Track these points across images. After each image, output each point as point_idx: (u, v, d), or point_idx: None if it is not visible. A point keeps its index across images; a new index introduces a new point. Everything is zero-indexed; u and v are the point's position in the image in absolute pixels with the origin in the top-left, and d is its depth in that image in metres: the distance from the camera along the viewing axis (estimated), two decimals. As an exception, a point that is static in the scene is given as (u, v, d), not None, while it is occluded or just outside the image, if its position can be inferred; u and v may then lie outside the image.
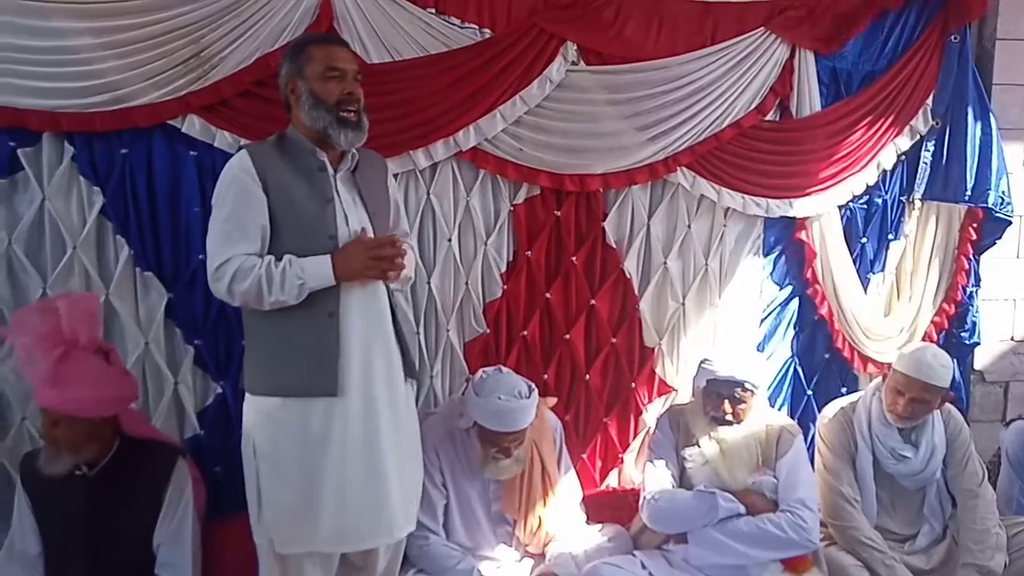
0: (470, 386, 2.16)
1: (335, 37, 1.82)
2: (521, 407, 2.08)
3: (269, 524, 1.75)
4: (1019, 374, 2.86)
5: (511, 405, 2.06)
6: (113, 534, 1.86)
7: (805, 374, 2.69)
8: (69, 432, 1.79)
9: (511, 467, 2.12)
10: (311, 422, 1.72)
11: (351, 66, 1.75)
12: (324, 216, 1.73)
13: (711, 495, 2.12)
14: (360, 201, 1.80)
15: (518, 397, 2.08)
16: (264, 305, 1.67)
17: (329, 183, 1.75)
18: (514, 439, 2.10)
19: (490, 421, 2.07)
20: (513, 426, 2.07)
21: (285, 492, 1.73)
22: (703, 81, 2.39)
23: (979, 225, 2.67)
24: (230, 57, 2.11)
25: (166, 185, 2.16)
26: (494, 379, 2.13)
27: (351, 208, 1.77)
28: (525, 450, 2.15)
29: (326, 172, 1.75)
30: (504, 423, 2.07)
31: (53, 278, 2.14)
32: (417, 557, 2.12)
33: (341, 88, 1.72)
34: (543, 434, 2.26)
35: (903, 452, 2.26)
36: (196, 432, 2.28)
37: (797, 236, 2.59)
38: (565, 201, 2.43)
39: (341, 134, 1.72)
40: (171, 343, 2.25)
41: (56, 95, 2.04)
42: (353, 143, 1.74)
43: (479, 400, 2.09)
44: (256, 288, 1.65)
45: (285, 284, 1.65)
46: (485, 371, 2.18)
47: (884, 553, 2.20)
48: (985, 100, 2.61)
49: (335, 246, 1.72)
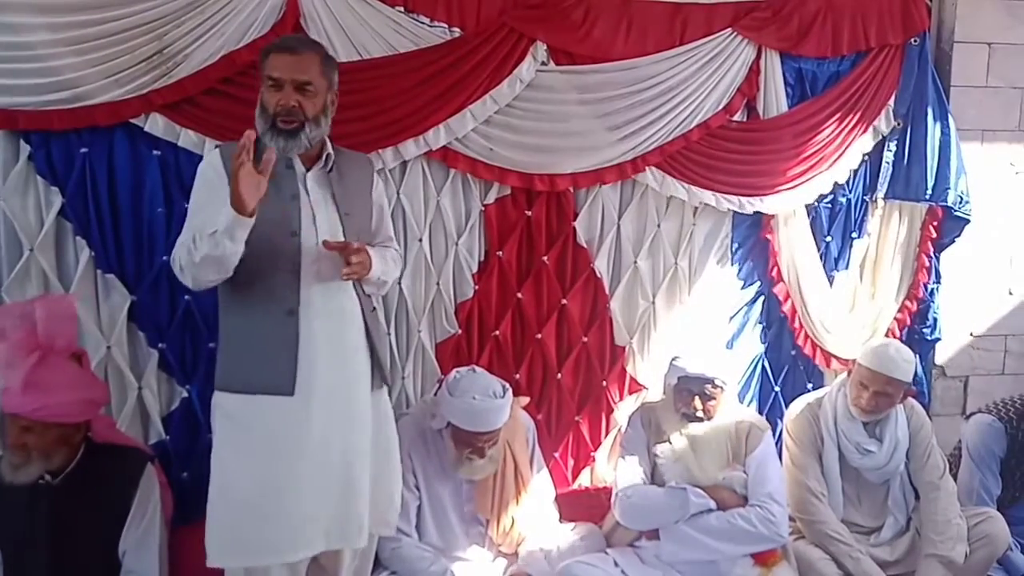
0: (444, 386, 2.15)
1: (289, 43, 1.75)
2: (495, 407, 2.07)
3: (209, 532, 1.71)
4: (979, 369, 2.93)
5: (485, 405, 2.06)
6: (78, 542, 1.81)
7: (772, 370, 2.73)
8: (41, 438, 1.74)
9: (485, 467, 2.12)
10: (267, 421, 1.71)
11: (293, 76, 1.70)
12: (286, 213, 1.72)
13: (682, 491, 2.14)
14: (332, 201, 1.79)
15: (492, 397, 2.08)
16: (197, 268, 1.64)
17: (294, 181, 1.75)
18: (488, 439, 2.09)
19: (464, 421, 2.06)
20: (487, 426, 2.07)
21: (231, 494, 1.70)
22: (672, 81, 2.41)
23: (939, 224, 2.73)
24: (194, 54, 2.08)
25: (128, 185, 2.12)
26: (468, 379, 2.12)
27: (320, 207, 1.77)
28: (499, 450, 2.15)
29: (292, 170, 1.75)
30: (478, 423, 2.06)
31: (9, 281, 2.08)
32: (389, 560, 2.10)
33: (277, 99, 1.70)
34: (516, 434, 2.26)
35: (868, 446, 2.31)
36: (162, 437, 2.23)
37: (764, 235, 2.63)
38: (536, 201, 2.43)
39: (273, 142, 1.69)
40: (134, 347, 2.21)
41: (11, 92, 1.99)
42: (289, 151, 1.72)
43: (453, 400, 2.08)
44: (187, 253, 1.64)
45: (204, 238, 1.61)
46: (459, 371, 2.17)
47: (850, 546, 2.24)
48: (944, 101, 2.67)
49: (298, 243, 1.72)
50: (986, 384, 2.92)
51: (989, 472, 2.46)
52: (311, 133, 1.72)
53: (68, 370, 1.80)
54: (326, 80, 1.76)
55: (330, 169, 1.80)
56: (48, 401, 1.72)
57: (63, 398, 1.74)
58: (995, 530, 2.30)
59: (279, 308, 1.71)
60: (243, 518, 1.70)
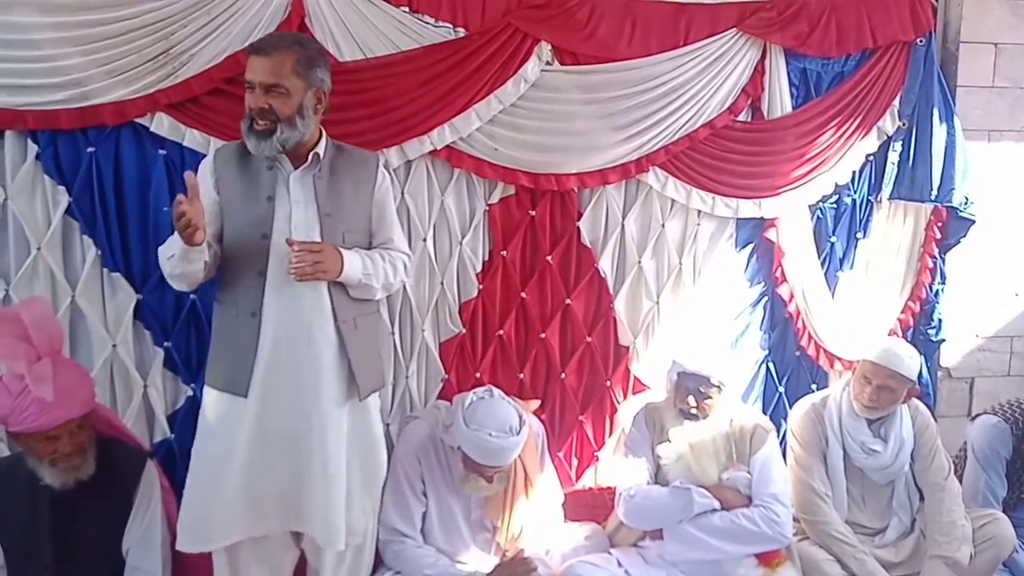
0: (459, 411, 2.08)
1: (262, 45, 1.75)
2: (510, 445, 2.03)
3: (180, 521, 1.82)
4: (984, 370, 2.92)
5: (501, 443, 2.01)
6: (81, 540, 1.82)
7: (777, 371, 2.73)
8: (74, 440, 1.75)
9: (492, 487, 2.11)
10: (228, 418, 1.78)
11: (261, 78, 1.71)
12: (260, 215, 1.75)
13: (686, 491, 2.14)
14: (314, 201, 1.78)
15: (508, 434, 2.02)
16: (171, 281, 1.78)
17: (274, 183, 1.76)
18: (498, 469, 2.07)
19: (477, 455, 2.03)
20: (500, 462, 2.05)
21: (194, 483, 1.81)
22: (676, 81, 2.41)
23: (944, 224, 2.73)
24: (200, 54, 2.09)
25: (134, 184, 2.13)
26: (485, 409, 2.06)
27: (300, 207, 1.77)
28: (509, 467, 2.12)
29: (274, 171, 1.77)
30: (492, 459, 2.04)
31: (16, 280, 2.09)
32: (393, 560, 2.11)
33: (250, 101, 1.73)
34: (527, 443, 2.23)
35: (873, 446, 2.30)
36: (166, 436, 2.24)
37: (767, 235, 2.62)
38: (540, 201, 2.43)
39: (249, 142, 1.74)
40: (140, 345, 2.21)
41: (19, 92, 2.00)
42: (262, 152, 1.74)
43: (468, 432, 2.02)
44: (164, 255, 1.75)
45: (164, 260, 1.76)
46: (477, 394, 2.11)
47: (855, 547, 2.24)
48: (950, 102, 2.66)
49: (267, 245, 1.74)
50: (992, 386, 2.91)
51: (994, 474, 2.45)
52: (283, 135, 1.72)
53: (71, 365, 1.83)
54: (302, 80, 1.74)
55: (319, 169, 1.80)
56: (79, 396, 1.76)
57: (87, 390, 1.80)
58: (1001, 532, 2.29)
59: (246, 309, 1.76)
60: (198, 505, 1.80)
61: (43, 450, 1.73)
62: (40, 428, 1.70)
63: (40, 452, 1.74)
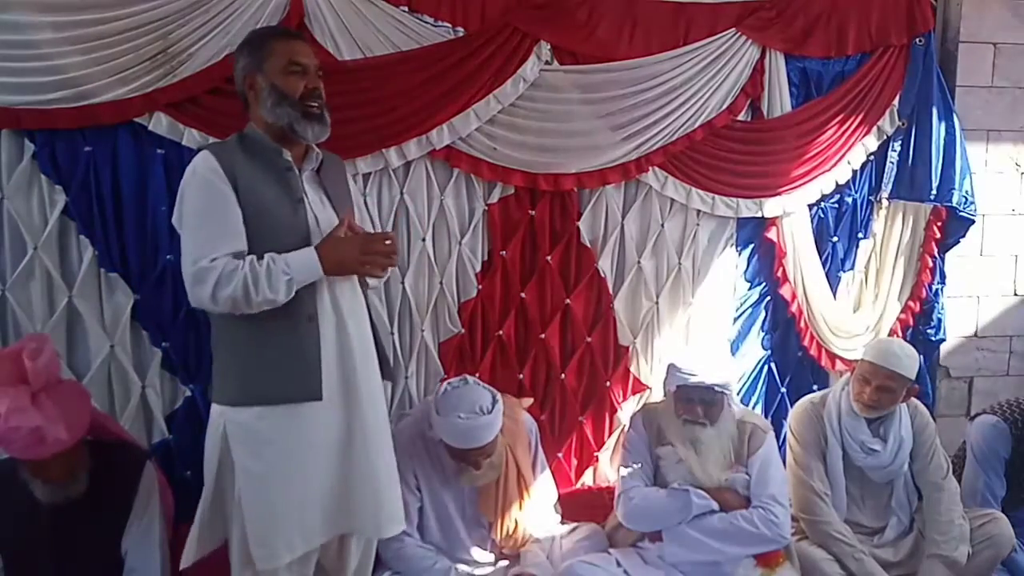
0: (433, 401, 2.11)
1: (294, 31, 1.75)
2: (482, 424, 2.03)
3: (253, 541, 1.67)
4: (983, 370, 2.93)
5: (471, 423, 2.02)
6: (80, 542, 1.81)
7: (779, 372, 2.73)
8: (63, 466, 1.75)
9: (485, 475, 2.11)
10: (296, 428, 1.66)
11: (312, 61, 1.71)
12: (296, 217, 1.68)
13: (685, 492, 2.13)
14: (327, 200, 1.76)
15: (479, 413, 2.03)
16: (251, 307, 1.58)
17: (298, 183, 1.70)
18: (481, 453, 2.07)
19: (452, 439, 2.05)
20: (476, 443, 2.05)
21: (272, 505, 1.66)
22: (676, 81, 2.41)
23: (943, 224, 2.73)
24: (199, 53, 2.08)
25: (132, 184, 2.12)
26: (456, 395, 2.07)
27: (319, 208, 1.73)
28: (499, 456, 2.13)
29: (294, 172, 1.70)
30: (466, 441, 2.04)
31: (13, 280, 2.08)
32: (392, 559, 2.10)
33: (304, 83, 1.68)
34: (518, 437, 2.24)
35: (872, 446, 2.30)
36: (165, 436, 2.23)
37: (768, 235, 2.62)
38: (539, 201, 2.43)
39: (308, 129, 1.67)
40: (138, 346, 2.20)
41: (15, 90, 1.99)
42: (318, 137, 1.70)
43: (439, 419, 2.05)
44: (243, 290, 1.55)
45: (272, 281, 1.57)
46: (450, 383, 2.13)
47: (854, 547, 2.24)
48: (949, 101, 2.66)
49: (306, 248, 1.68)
50: (991, 385, 2.91)
51: (993, 473, 2.45)
52: (328, 119, 1.71)
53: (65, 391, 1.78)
54: None
55: (318, 168, 1.77)
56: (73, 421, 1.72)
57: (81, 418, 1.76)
58: (999, 531, 2.29)
59: (300, 314, 1.65)
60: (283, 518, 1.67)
61: (34, 470, 1.74)
62: (29, 459, 1.71)
63: (31, 471, 1.75)
